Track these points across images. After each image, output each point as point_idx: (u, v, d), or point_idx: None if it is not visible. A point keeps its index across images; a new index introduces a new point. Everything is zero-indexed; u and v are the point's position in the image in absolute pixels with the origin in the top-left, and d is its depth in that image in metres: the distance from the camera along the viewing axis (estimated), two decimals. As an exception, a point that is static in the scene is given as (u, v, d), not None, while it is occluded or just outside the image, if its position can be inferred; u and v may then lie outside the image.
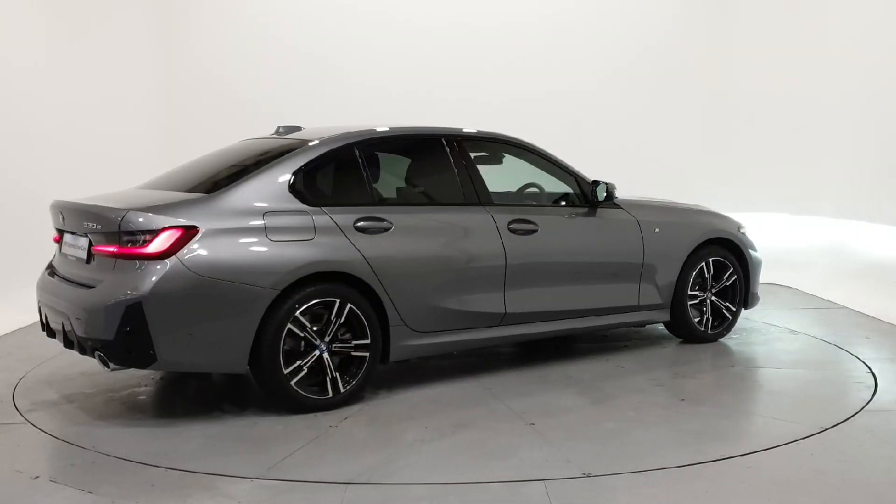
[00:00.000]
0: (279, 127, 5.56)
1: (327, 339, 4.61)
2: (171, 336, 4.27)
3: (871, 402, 4.77)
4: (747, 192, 9.70)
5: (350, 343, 4.69)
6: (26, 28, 8.14)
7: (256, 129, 6.18)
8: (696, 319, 6.14)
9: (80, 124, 8.81)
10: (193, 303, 4.29)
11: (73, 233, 4.80)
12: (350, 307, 4.64)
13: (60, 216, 4.89)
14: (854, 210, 8.74)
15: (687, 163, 10.16)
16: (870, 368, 5.49)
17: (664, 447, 4.07)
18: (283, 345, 4.48)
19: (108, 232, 4.40)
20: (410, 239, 4.93)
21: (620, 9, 10.26)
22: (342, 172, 5.04)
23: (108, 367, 4.38)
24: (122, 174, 7.28)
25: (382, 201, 5.07)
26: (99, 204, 4.60)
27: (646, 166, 9.98)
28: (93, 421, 4.62)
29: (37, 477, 3.77)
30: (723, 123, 10.21)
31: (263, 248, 4.46)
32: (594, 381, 5.25)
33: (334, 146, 4.98)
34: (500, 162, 5.87)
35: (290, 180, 4.71)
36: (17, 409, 4.78)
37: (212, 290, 4.31)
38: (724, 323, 6.28)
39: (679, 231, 6.05)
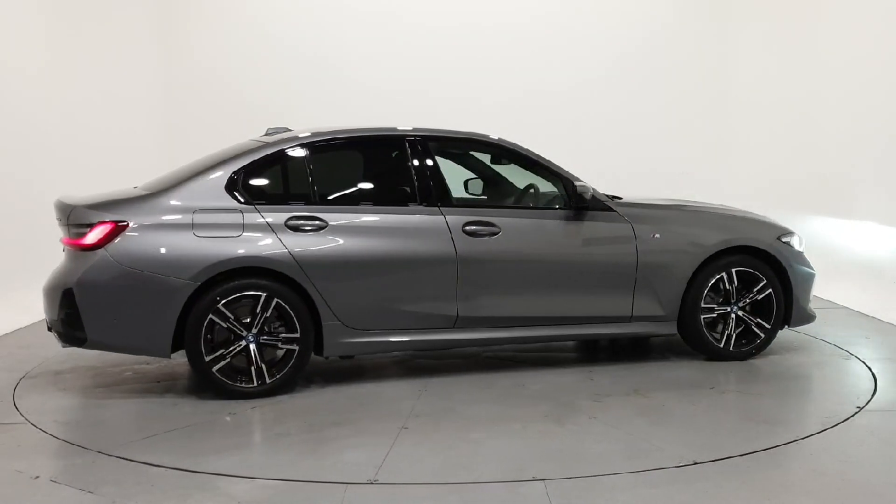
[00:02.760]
0: (268, 129, 5.64)
1: (255, 330, 4.85)
2: (98, 320, 4.75)
3: (871, 402, 4.77)
4: (746, 191, 9.70)
5: (279, 336, 4.93)
6: (26, 28, 8.13)
7: (256, 129, 6.18)
8: (718, 335, 5.62)
9: (81, 125, 8.82)
10: (117, 291, 4.73)
11: None
12: (277, 301, 4.85)
13: None
14: (853, 209, 8.74)
15: (686, 162, 10.16)
16: (870, 368, 5.49)
17: (491, 462, 3.89)
18: (208, 334, 4.81)
19: (64, 224, 4.94)
20: (345, 238, 5.01)
21: (622, 7, 10.26)
22: (285, 173, 5.23)
23: (61, 343, 4.95)
24: (123, 174, 7.28)
25: (324, 201, 5.11)
26: (61, 200, 5.04)
27: (646, 166, 9.98)
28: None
29: (37, 477, 3.77)
30: (721, 122, 10.21)
31: (187, 244, 4.79)
32: (536, 393, 5.00)
33: (279, 148, 5.18)
34: (501, 162, 5.80)
35: (227, 180, 4.99)
36: (18, 409, 4.79)
37: (134, 279, 4.72)
38: (754, 341, 5.69)
39: (687, 237, 5.55)
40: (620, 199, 5.81)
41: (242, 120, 9.48)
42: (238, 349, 4.86)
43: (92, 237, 4.75)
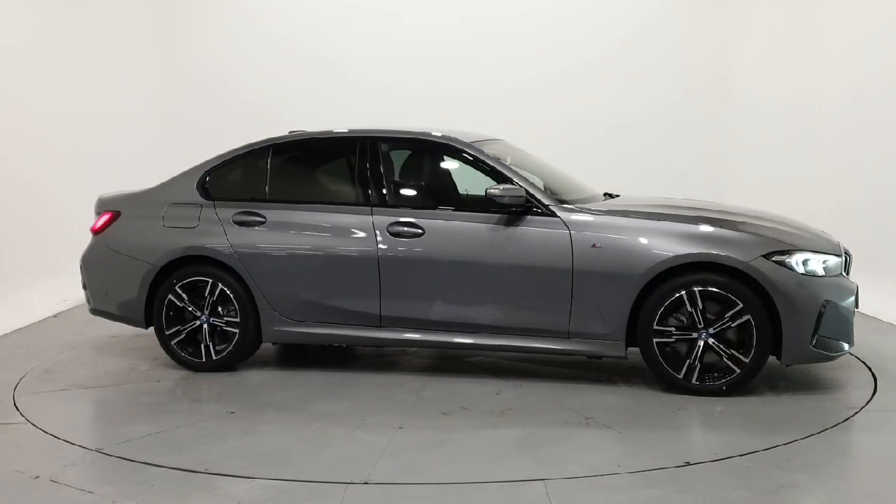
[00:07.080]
0: (290, 132, 5.85)
1: (206, 312, 5.46)
2: (96, 292, 5.84)
3: (871, 402, 4.78)
4: (745, 190, 9.70)
5: (224, 319, 5.47)
6: (24, 27, 8.13)
7: (256, 129, 6.24)
8: (682, 364, 4.87)
9: (80, 125, 8.81)
10: (105, 269, 5.76)
11: None
12: (221, 287, 5.42)
13: None
14: (854, 209, 8.74)
15: (685, 161, 10.16)
16: (870, 368, 5.49)
17: (208, 451, 4.04)
18: (171, 311, 5.49)
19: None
20: (279, 234, 5.42)
21: (622, 3, 10.25)
22: (247, 173, 5.74)
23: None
24: (124, 174, 7.29)
25: (270, 199, 5.55)
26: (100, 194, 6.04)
27: (645, 164, 9.97)
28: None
29: (37, 477, 3.78)
30: (722, 121, 10.22)
31: (156, 233, 5.58)
32: (417, 399, 4.88)
33: (248, 150, 5.68)
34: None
35: (198, 178, 5.66)
36: (18, 409, 4.80)
37: (117, 260, 5.66)
38: (727, 375, 4.84)
39: (633, 249, 4.88)
40: (617, 196, 5.74)
41: (242, 119, 9.50)
42: (193, 327, 5.50)
43: (97, 224, 5.82)
